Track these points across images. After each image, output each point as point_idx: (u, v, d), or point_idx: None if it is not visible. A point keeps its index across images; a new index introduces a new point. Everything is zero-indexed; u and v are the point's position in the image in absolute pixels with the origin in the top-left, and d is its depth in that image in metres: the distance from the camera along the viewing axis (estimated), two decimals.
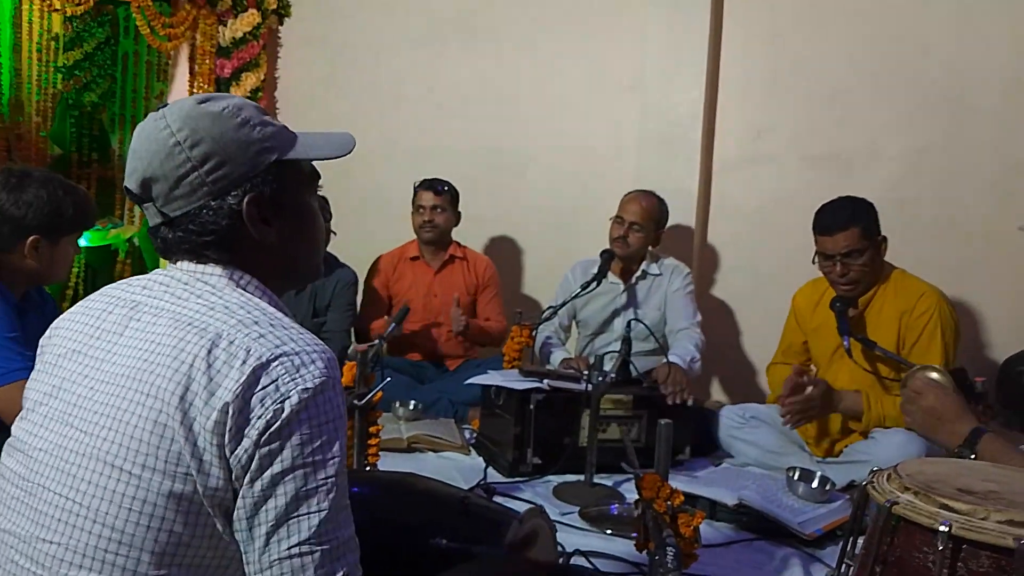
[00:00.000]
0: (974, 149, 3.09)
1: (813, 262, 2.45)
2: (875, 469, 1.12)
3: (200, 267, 0.99)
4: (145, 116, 3.73)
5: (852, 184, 3.07)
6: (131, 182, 0.99)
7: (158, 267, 3.92)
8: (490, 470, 2.40)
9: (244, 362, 0.87)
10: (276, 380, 0.87)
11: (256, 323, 0.91)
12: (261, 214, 0.99)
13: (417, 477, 1.64)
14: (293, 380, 0.87)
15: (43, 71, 4.23)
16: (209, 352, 0.88)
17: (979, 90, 3.08)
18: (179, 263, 1.00)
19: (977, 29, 3.07)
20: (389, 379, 2.06)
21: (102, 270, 4.13)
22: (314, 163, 1.08)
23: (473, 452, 2.57)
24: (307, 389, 0.87)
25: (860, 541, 1.15)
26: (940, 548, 0.91)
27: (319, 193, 1.21)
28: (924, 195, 3.16)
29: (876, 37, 3.23)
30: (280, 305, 1.01)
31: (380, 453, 2.11)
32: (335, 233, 2.99)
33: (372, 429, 2.01)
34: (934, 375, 1.61)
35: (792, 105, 3.37)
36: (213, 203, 0.96)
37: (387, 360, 2.75)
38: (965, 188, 3.11)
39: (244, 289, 0.98)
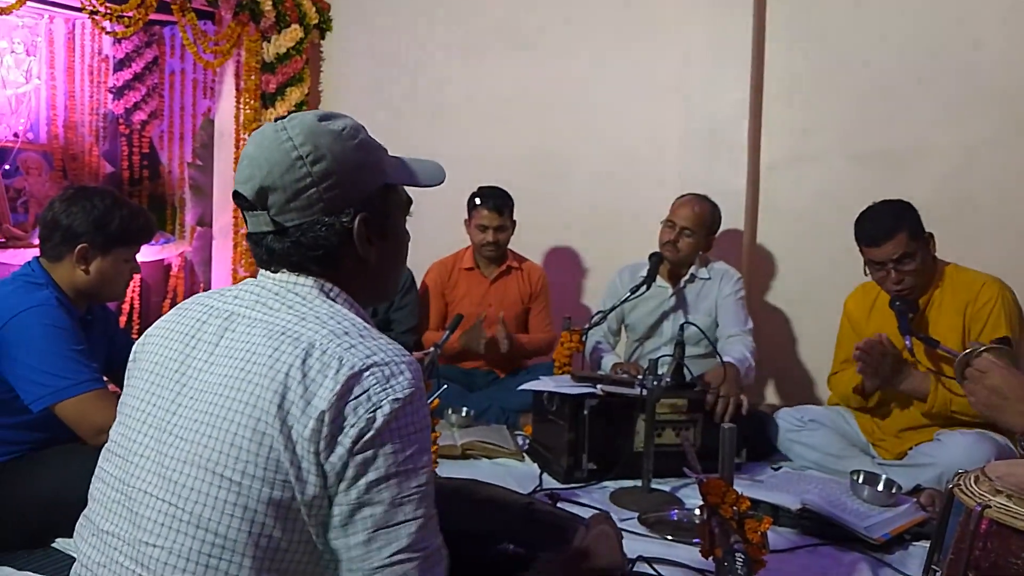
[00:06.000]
0: None
1: (865, 273, 2.40)
2: (960, 472, 1.08)
3: (292, 278, 1.01)
4: (193, 133, 3.81)
5: (903, 182, 3.01)
6: (246, 188, 1.00)
7: (210, 281, 3.99)
8: (545, 476, 2.39)
9: (338, 371, 0.89)
10: (368, 390, 0.89)
11: (347, 333, 0.93)
12: (368, 234, 1.02)
13: (479, 483, 1.65)
14: (384, 390, 0.89)
15: (95, 92, 4.36)
16: (304, 362, 0.90)
17: None
18: (274, 273, 1.02)
19: None
20: (446, 386, 2.07)
21: (155, 285, 4.22)
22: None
23: (527, 458, 2.57)
24: (397, 399, 0.89)
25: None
26: None
27: None
28: (978, 192, 3.08)
29: (924, 31, 3.16)
30: (365, 317, 1.03)
31: (438, 460, 2.12)
32: None
33: (431, 437, 2.01)
34: (995, 355, 1.54)
35: (839, 103, 3.31)
36: (326, 219, 0.99)
37: (439, 368, 2.75)
38: (1020, 182, 3.02)
39: (333, 301, 1.00)
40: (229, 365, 0.94)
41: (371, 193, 1.02)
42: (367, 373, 0.89)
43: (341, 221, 0.99)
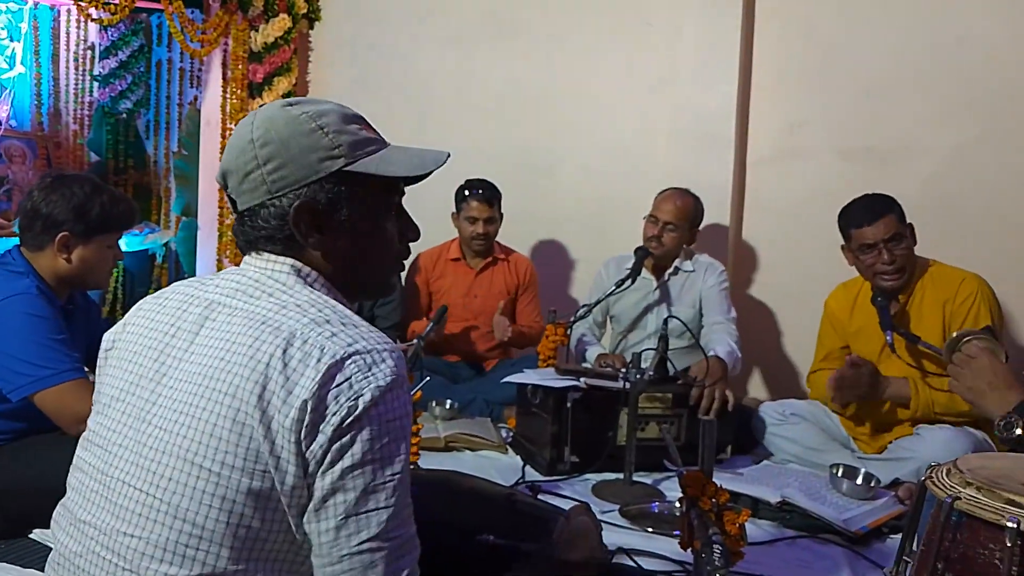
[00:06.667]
0: (1016, 142, 3.02)
1: (850, 264, 2.42)
2: (933, 464, 1.10)
3: (269, 265, 1.01)
4: (180, 122, 3.83)
5: (889, 179, 3.02)
6: (218, 172, 1.05)
7: (194, 271, 3.98)
8: (528, 468, 2.40)
9: (319, 360, 0.88)
10: (350, 378, 0.88)
11: (328, 321, 0.93)
12: (314, 221, 0.99)
13: (461, 475, 1.65)
14: (366, 378, 0.88)
15: (80, 80, 4.33)
16: (284, 351, 0.89)
17: (1021, 80, 3.01)
18: (249, 259, 1.03)
19: (1018, 17, 3.01)
20: (428, 378, 2.07)
21: (140, 274, 4.20)
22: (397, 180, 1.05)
23: (510, 451, 2.58)
24: (379, 387, 0.88)
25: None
26: (1009, 545, 0.89)
27: None
28: (964, 190, 3.10)
29: (913, 27, 3.17)
30: (345, 303, 1.02)
31: (419, 452, 2.12)
32: None
33: (412, 428, 2.02)
34: (983, 343, 1.58)
35: (827, 99, 3.32)
36: (269, 202, 0.99)
37: (423, 360, 2.76)
38: (1007, 182, 3.04)
39: (312, 286, 1.00)
40: (209, 355, 0.93)
41: (320, 178, 0.98)
42: (349, 361, 0.88)
43: (282, 204, 0.98)
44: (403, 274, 3.26)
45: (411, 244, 1.13)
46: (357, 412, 0.87)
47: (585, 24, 3.65)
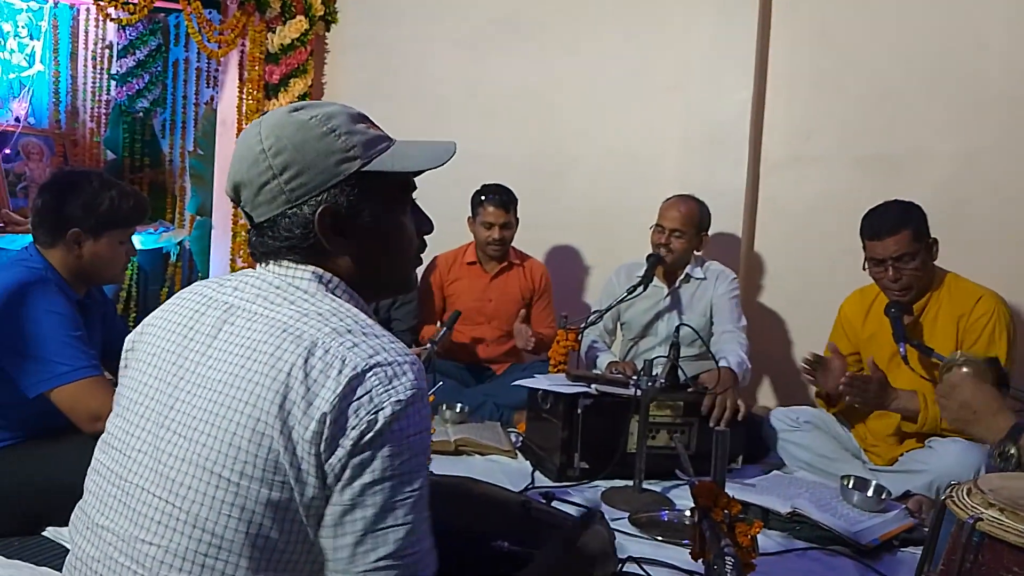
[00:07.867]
0: None
1: (864, 269, 2.41)
2: (953, 483, 1.09)
3: (290, 272, 0.99)
4: (196, 122, 3.83)
5: (903, 185, 3.01)
6: (228, 186, 1.02)
7: (208, 270, 4.00)
8: (537, 474, 2.40)
9: (340, 372, 0.87)
10: (370, 391, 0.87)
11: (349, 331, 0.91)
12: (337, 225, 0.98)
13: (475, 481, 1.65)
14: (386, 391, 0.87)
15: (97, 78, 4.36)
16: (306, 361, 0.88)
17: None
18: (268, 265, 1.01)
19: None
20: (441, 383, 2.07)
21: (153, 273, 4.22)
22: (412, 174, 1.05)
23: (520, 456, 2.57)
24: (399, 401, 0.87)
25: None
26: None
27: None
28: (978, 197, 3.08)
29: (929, 33, 3.15)
30: (367, 310, 1.01)
31: (431, 456, 2.12)
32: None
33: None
34: (968, 368, 1.57)
35: (842, 104, 3.31)
36: (290, 211, 0.98)
37: (434, 364, 2.76)
38: (1021, 189, 3.02)
39: (333, 293, 0.99)
40: (229, 361, 0.92)
41: (340, 182, 0.97)
42: (370, 373, 0.87)
43: (304, 212, 0.97)
44: (419, 276, 3.29)
45: (427, 244, 1.13)
46: (378, 427, 0.86)
47: (598, 28, 3.64)
